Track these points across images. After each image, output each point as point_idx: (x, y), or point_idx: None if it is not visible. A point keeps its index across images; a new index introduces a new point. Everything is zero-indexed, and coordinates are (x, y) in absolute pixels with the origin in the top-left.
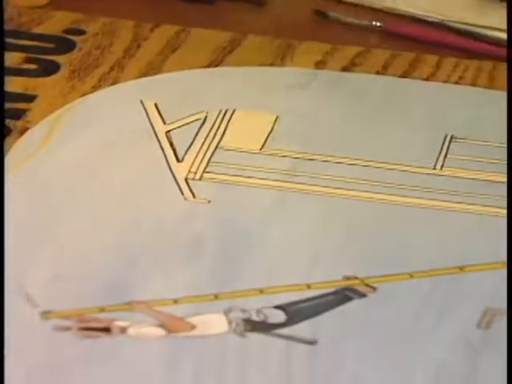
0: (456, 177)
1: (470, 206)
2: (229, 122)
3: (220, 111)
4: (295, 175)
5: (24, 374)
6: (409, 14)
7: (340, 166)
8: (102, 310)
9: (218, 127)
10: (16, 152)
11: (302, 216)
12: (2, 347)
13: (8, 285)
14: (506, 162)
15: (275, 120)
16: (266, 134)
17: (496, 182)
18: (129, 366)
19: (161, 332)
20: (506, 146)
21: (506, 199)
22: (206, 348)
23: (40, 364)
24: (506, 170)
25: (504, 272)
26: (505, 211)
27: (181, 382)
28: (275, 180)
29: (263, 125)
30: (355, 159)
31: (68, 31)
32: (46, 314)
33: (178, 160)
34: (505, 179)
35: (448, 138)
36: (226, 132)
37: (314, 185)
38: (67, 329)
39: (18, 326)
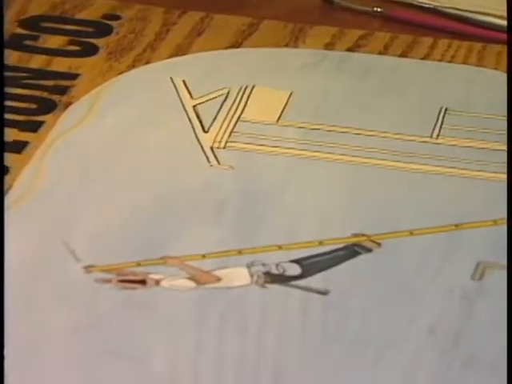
0: (450, 144)
1: (463, 171)
2: (249, 97)
3: (241, 87)
4: (307, 144)
5: (69, 321)
6: (406, 1)
7: (346, 135)
8: (139, 264)
9: (240, 102)
10: (60, 124)
11: (314, 180)
12: (2, 347)
13: (53, 241)
14: (496, 132)
15: (289, 95)
16: (282, 107)
17: (487, 149)
18: (162, 314)
19: (191, 284)
20: (495, 117)
21: (496, 165)
22: (231, 298)
23: (83, 312)
24: (495, 139)
25: (495, 229)
26: (495, 175)
27: (208, 329)
28: (289, 148)
29: (279, 99)
30: (360, 129)
31: (106, 17)
32: (88, 268)
33: (204, 131)
34: (495, 146)
35: (443, 110)
36: (247, 106)
37: (323, 152)
38: (108, 281)
39: (63, 279)
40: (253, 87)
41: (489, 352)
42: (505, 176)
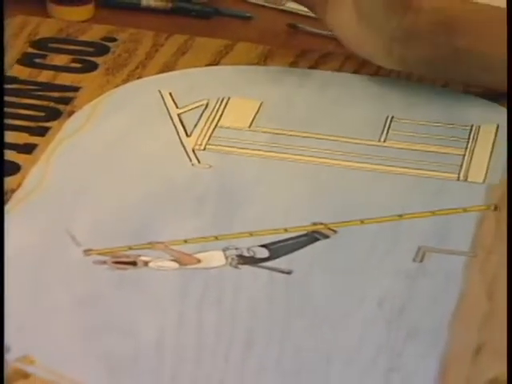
0: (395, 147)
1: (406, 170)
2: (225, 106)
3: (218, 99)
4: (274, 146)
5: (71, 298)
6: None
7: (308, 139)
8: (130, 248)
9: (217, 111)
10: (64, 129)
11: (280, 177)
12: (2, 347)
13: (58, 229)
14: (435, 136)
15: (260, 105)
16: (253, 115)
17: (427, 151)
18: (150, 290)
19: (174, 265)
20: (433, 124)
21: (435, 164)
22: (209, 277)
23: (83, 289)
24: (434, 142)
25: (433, 219)
26: (434, 173)
27: (189, 303)
28: (260, 150)
29: (251, 109)
30: (319, 134)
31: (104, 39)
32: (87, 252)
33: (187, 135)
34: (434, 149)
35: (389, 118)
36: (223, 114)
37: (288, 153)
38: (104, 263)
39: (66, 260)
40: (228, 98)
41: (429, 323)
42: (442, 174)
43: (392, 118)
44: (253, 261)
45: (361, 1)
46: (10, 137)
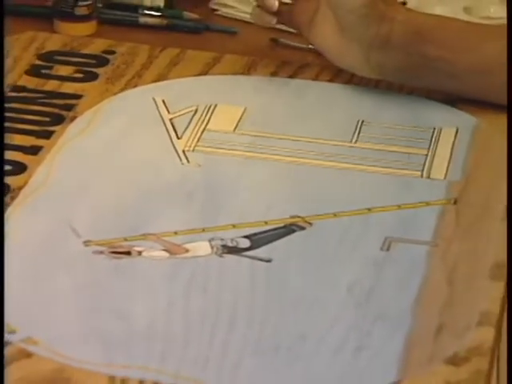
0: (365, 148)
1: (375, 168)
2: (212, 112)
3: (206, 105)
4: (256, 147)
5: (72, 284)
6: None
7: (286, 141)
8: (125, 239)
9: (205, 116)
10: (67, 133)
11: (261, 175)
12: (2, 347)
13: (60, 222)
14: (401, 137)
15: (243, 111)
16: (237, 120)
17: (394, 151)
18: (143, 277)
19: (165, 254)
20: (401, 127)
21: (401, 163)
22: (196, 265)
23: (83, 276)
24: (401, 143)
25: (398, 212)
26: (400, 171)
27: (178, 289)
28: (243, 151)
29: (235, 114)
30: (297, 136)
31: (104, 52)
32: (87, 243)
33: (178, 137)
34: (401, 149)
35: (360, 122)
36: (211, 119)
37: (269, 154)
38: (102, 252)
39: (67, 250)
40: (215, 105)
41: (395, 307)
42: (407, 172)
43: (362, 121)
44: (236, 250)
45: (340, 15)
46: (18, 139)
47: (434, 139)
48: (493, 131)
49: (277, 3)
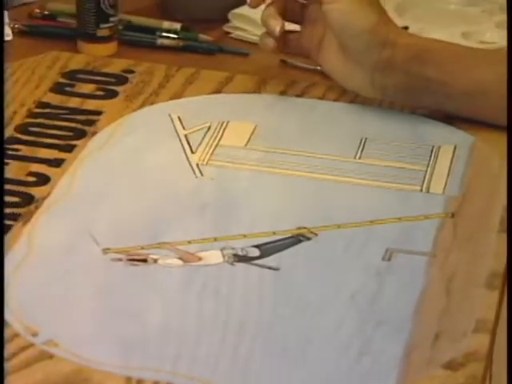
0: (369, 164)
1: (378, 183)
2: (225, 128)
3: (219, 122)
4: (266, 162)
5: (91, 289)
6: None
7: (294, 156)
8: (142, 248)
9: (218, 132)
10: (88, 147)
11: (270, 188)
12: (2, 347)
13: (81, 230)
14: (402, 154)
15: (254, 127)
16: (249, 136)
17: (397, 167)
18: (158, 284)
19: (179, 262)
20: (402, 144)
21: (401, 178)
22: (208, 272)
23: (102, 282)
24: (405, 160)
25: (399, 224)
26: (400, 185)
27: (191, 295)
28: (254, 165)
29: (247, 130)
30: (304, 152)
31: (124, 71)
32: (106, 250)
33: (192, 152)
34: (401, 165)
35: (364, 139)
36: (223, 135)
37: (278, 168)
38: (120, 260)
39: (87, 257)
40: (228, 122)
41: (395, 314)
42: (408, 186)
43: (366, 138)
44: (246, 259)
45: (344, 41)
46: (43, 153)
47: (433, 156)
48: (489, 149)
49: (278, 28)
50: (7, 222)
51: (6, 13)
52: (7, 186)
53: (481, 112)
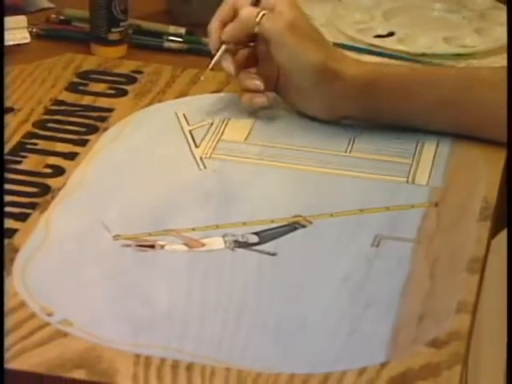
0: (359, 158)
1: (366, 175)
2: (226, 125)
3: (221, 119)
4: (264, 156)
5: (102, 273)
6: None
7: (290, 150)
8: (150, 234)
9: (220, 128)
10: (100, 141)
11: (268, 180)
12: (2, 347)
13: (94, 218)
14: (390, 149)
15: (253, 124)
16: (248, 132)
17: (383, 160)
18: (165, 268)
19: (184, 248)
20: (388, 139)
21: (390, 171)
22: (211, 258)
23: (112, 266)
24: (390, 154)
25: (387, 213)
26: (388, 177)
27: (196, 278)
28: (253, 159)
29: (246, 126)
30: (299, 146)
31: (133, 71)
32: (116, 237)
33: (196, 146)
34: (388, 159)
35: (354, 135)
36: (225, 131)
37: (275, 161)
38: (129, 246)
39: (99, 244)
40: (229, 119)
41: (383, 296)
42: (395, 178)
43: (355, 135)
44: (246, 245)
45: (296, 80)
46: (58, 147)
47: (417, 151)
48: (470, 144)
49: (233, 70)
50: (26, 211)
51: (24, 17)
52: (26, 178)
53: (445, 127)
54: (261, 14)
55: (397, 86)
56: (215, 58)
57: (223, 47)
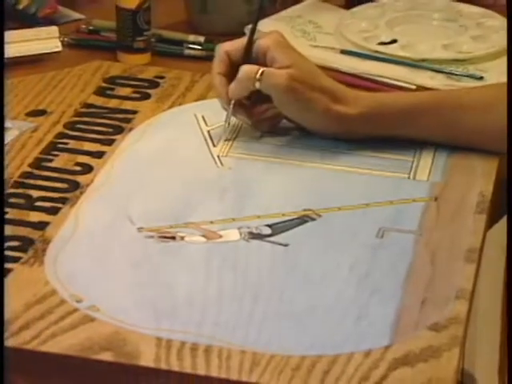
0: (364, 155)
1: (372, 171)
2: (241, 125)
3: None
4: (276, 154)
5: (127, 262)
6: (331, 67)
7: (300, 149)
8: (171, 227)
9: (236, 128)
10: (126, 141)
11: (281, 176)
12: (3, 347)
13: (119, 211)
14: (393, 147)
15: None
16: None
17: (387, 157)
18: (185, 258)
19: (203, 239)
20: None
21: (392, 167)
22: (228, 248)
23: (136, 256)
24: (393, 152)
25: (391, 207)
26: (391, 174)
27: (213, 267)
28: (266, 157)
29: None
30: (309, 146)
31: (156, 77)
32: (140, 229)
33: (214, 145)
34: (391, 156)
35: None
36: (240, 131)
37: (286, 159)
38: (152, 237)
39: (124, 235)
40: None
41: (388, 283)
42: (397, 174)
43: None
44: (260, 236)
45: (302, 125)
46: (87, 146)
47: (418, 149)
48: None
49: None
50: (57, 205)
51: (56, 28)
52: (57, 175)
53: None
54: (260, 71)
55: (397, 116)
56: (229, 115)
57: (232, 102)
